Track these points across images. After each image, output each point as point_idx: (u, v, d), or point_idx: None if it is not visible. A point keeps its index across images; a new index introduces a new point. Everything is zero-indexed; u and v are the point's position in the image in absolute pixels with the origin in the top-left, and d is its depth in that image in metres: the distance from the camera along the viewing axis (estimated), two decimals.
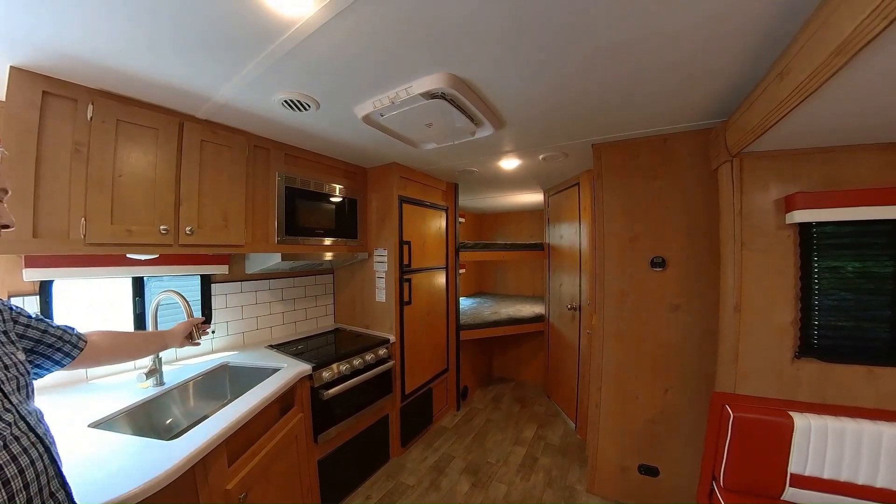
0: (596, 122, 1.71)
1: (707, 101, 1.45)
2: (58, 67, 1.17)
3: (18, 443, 0.61)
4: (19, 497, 0.58)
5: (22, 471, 0.59)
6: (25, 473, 0.60)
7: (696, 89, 1.36)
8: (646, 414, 1.91)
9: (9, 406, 0.63)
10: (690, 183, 1.79)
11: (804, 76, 0.92)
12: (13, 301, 1.34)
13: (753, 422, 1.37)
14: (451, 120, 1.57)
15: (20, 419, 0.64)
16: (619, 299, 1.96)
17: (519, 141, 2.01)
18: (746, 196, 1.51)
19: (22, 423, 0.64)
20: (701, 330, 1.76)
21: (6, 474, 0.57)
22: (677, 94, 1.41)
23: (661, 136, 1.84)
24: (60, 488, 0.68)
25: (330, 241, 2.28)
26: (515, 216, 4.85)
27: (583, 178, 2.67)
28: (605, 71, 1.24)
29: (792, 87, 0.98)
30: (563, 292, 3.08)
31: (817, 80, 0.90)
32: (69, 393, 1.42)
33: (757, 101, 1.20)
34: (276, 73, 1.25)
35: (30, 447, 0.63)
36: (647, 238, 1.89)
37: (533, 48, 1.11)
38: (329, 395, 1.83)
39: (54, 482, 0.66)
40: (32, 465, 0.62)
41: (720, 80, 1.28)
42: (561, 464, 2.39)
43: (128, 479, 0.89)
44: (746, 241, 1.50)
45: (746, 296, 1.50)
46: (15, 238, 1.13)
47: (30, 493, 0.60)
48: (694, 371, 1.79)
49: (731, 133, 1.45)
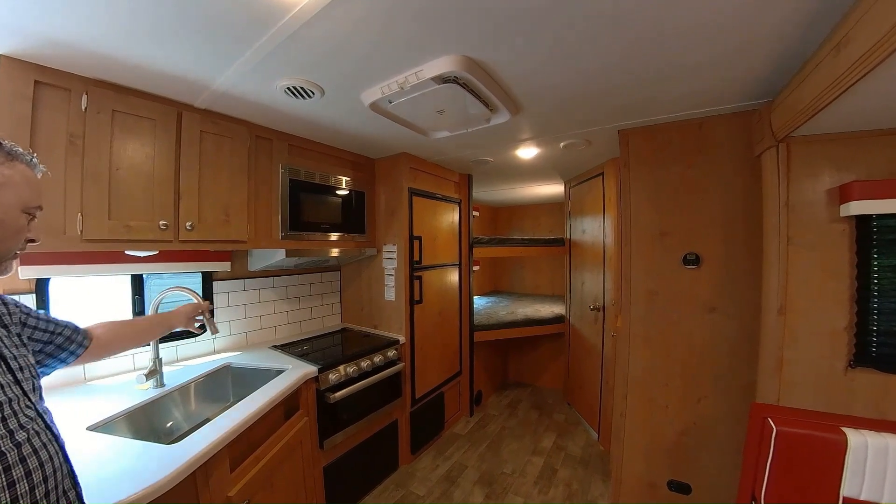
0: (623, 105, 1.65)
1: (750, 78, 1.38)
2: (50, 55, 1.18)
3: (39, 438, 0.66)
4: (39, 489, 0.63)
5: (42, 464, 0.64)
6: (45, 467, 0.65)
7: (737, 64, 1.28)
8: (676, 425, 1.86)
9: (28, 403, 0.68)
10: (729, 171, 1.71)
11: (867, 47, 0.85)
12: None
13: (799, 437, 1.30)
14: (464, 106, 1.55)
15: (38, 416, 0.69)
16: (648, 299, 1.91)
17: (538, 128, 1.97)
18: (794, 185, 1.43)
19: (40, 420, 0.69)
20: (739, 334, 1.70)
21: (28, 466, 0.62)
22: (716, 71, 1.33)
23: (697, 121, 1.77)
24: (72, 487, 0.73)
25: (336, 236, 2.28)
26: (533, 209, 4.81)
27: (607, 167, 2.62)
28: (636, 46, 1.17)
29: (851, 60, 0.91)
30: (585, 291, 3.04)
31: (882, 52, 0.83)
32: (67, 394, 1.45)
33: (808, 78, 1.13)
34: (277, 57, 1.24)
35: (48, 443, 0.68)
36: (678, 232, 1.83)
37: (562, 24, 1.07)
38: (335, 399, 1.84)
39: (67, 481, 0.71)
40: (51, 460, 0.67)
41: (766, 53, 1.21)
42: (582, 477, 2.35)
43: (126, 485, 0.91)
44: (793, 235, 1.43)
45: (792, 297, 1.43)
46: None
47: (48, 486, 0.65)
48: (731, 379, 1.73)
49: (777, 115, 1.38)
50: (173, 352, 1.87)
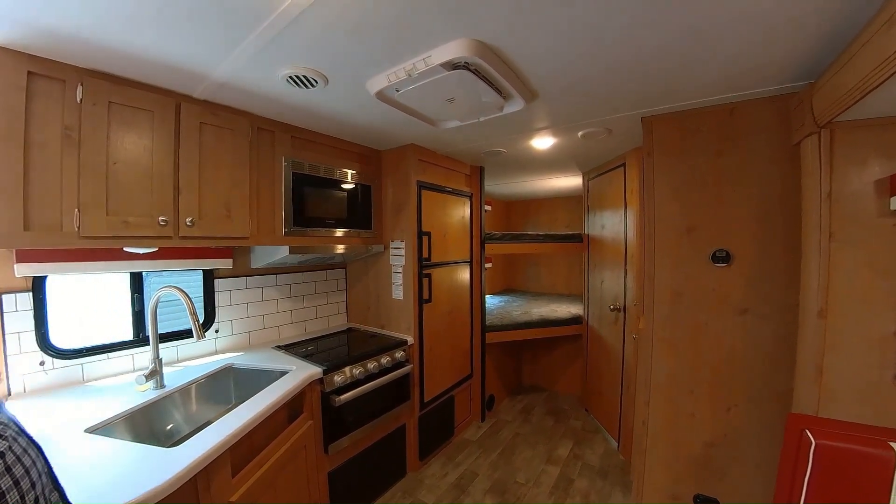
0: (648, 89, 1.60)
1: (791, 58, 1.31)
2: (43, 45, 1.19)
3: (18, 443, 0.69)
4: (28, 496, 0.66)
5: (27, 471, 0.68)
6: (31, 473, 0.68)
7: (776, 41, 1.22)
8: (703, 435, 1.81)
9: None
10: (764, 161, 1.66)
11: None
12: (4, 298, 1.42)
13: (841, 452, 1.25)
14: (475, 94, 1.53)
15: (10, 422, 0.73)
16: (673, 299, 1.87)
17: (554, 116, 1.94)
18: (838, 176, 1.36)
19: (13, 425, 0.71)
20: (774, 338, 1.65)
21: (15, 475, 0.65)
22: (752, 49, 1.27)
23: (728, 106, 1.72)
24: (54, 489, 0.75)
25: (341, 232, 2.28)
26: (549, 203, 4.76)
27: (629, 157, 2.57)
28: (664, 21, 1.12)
29: None
30: (604, 290, 3.00)
31: None
32: (65, 395, 1.48)
33: (856, 56, 1.07)
34: (278, 45, 1.24)
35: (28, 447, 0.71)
36: (707, 227, 1.78)
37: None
38: (341, 401, 1.84)
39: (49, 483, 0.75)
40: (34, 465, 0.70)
41: (809, 28, 1.14)
42: (601, 488, 2.32)
43: (125, 489, 0.91)
44: (836, 231, 1.37)
45: (834, 298, 1.37)
46: (5, 231, 1.17)
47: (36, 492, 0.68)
48: (764, 387, 1.68)
49: (819, 98, 1.32)
50: (174, 352, 1.90)
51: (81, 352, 1.60)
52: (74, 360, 1.58)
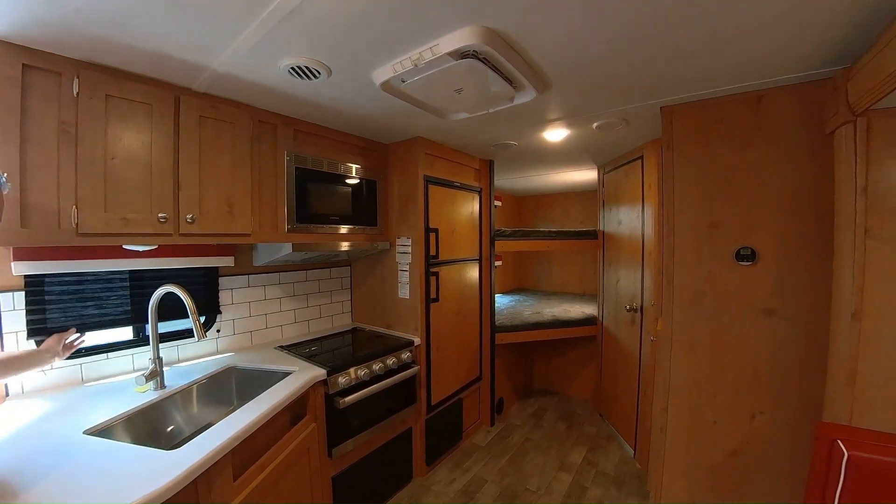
0: (668, 76, 1.57)
1: (825, 39, 1.27)
2: (38, 36, 1.20)
3: None
4: None
5: None
6: None
7: (807, 22, 1.18)
8: (726, 444, 1.78)
9: None
10: (793, 152, 1.61)
11: None
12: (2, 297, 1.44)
13: (877, 464, 1.21)
14: (485, 84, 1.52)
15: None
16: (694, 300, 1.83)
17: (567, 106, 1.92)
18: (874, 168, 1.31)
19: None
20: (802, 342, 1.61)
21: None
22: (785, 30, 1.23)
23: (755, 93, 1.67)
24: None
25: (346, 228, 2.28)
26: (562, 198, 4.73)
27: (647, 149, 2.53)
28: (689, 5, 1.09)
29: None
30: (620, 290, 2.97)
31: None
32: (64, 396, 1.49)
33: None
34: (280, 34, 1.23)
35: None
36: (731, 223, 1.75)
37: None
38: (345, 404, 1.84)
39: None
40: None
41: (844, 8, 1.10)
42: (616, 497, 2.30)
43: (124, 492, 0.92)
44: (872, 227, 1.32)
45: (870, 299, 1.33)
46: (1, 229, 1.17)
47: None
48: (792, 393, 1.64)
49: (855, 83, 1.27)
50: (174, 352, 1.92)
51: (80, 352, 1.61)
52: (73, 360, 1.60)
